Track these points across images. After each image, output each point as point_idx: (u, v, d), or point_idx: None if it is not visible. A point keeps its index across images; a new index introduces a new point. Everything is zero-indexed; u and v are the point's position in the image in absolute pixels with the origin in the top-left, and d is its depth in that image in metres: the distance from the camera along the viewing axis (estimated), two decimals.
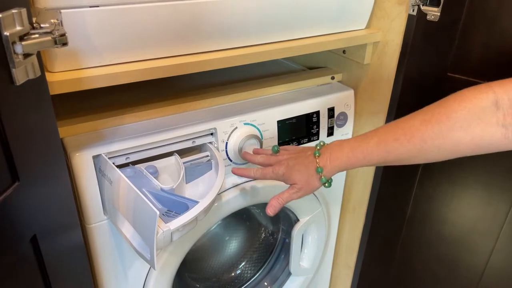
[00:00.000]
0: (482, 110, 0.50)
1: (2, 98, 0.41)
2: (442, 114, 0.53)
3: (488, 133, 0.51)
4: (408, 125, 0.56)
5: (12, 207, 0.44)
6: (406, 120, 0.57)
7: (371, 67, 0.94)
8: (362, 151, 0.61)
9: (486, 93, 0.50)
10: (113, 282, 0.81)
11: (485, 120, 0.51)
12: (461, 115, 0.52)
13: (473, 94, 0.51)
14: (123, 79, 0.64)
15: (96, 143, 0.71)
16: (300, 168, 0.67)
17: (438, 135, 0.53)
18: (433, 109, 0.54)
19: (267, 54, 0.79)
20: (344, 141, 0.65)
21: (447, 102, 0.53)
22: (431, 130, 0.54)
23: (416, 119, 0.56)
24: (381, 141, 0.59)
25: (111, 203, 0.70)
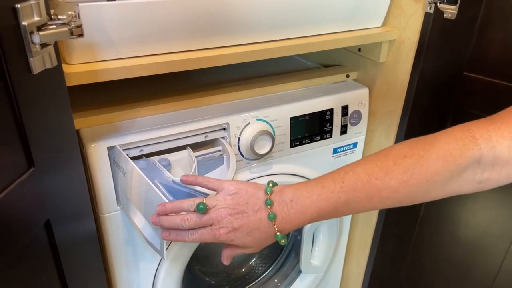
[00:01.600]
0: (464, 170, 0.48)
1: (19, 86, 0.42)
2: (423, 175, 0.49)
3: (463, 188, 0.50)
4: (384, 185, 0.50)
5: (26, 192, 0.45)
6: (380, 176, 0.50)
7: (387, 65, 0.94)
8: (329, 212, 0.53)
9: (471, 149, 0.47)
10: (124, 271, 0.82)
11: (463, 177, 0.49)
12: (442, 178, 0.49)
13: (458, 152, 0.47)
14: (139, 72, 0.66)
15: (111, 134, 0.72)
16: (251, 231, 0.55)
17: (415, 196, 0.50)
18: (413, 166, 0.49)
19: (282, 50, 0.79)
20: (305, 198, 0.53)
21: (429, 158, 0.49)
22: (409, 192, 0.50)
23: (393, 178, 0.50)
24: (351, 201, 0.52)
25: (124, 194, 0.71)
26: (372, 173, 0.50)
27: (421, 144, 0.50)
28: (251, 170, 0.88)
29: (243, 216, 0.55)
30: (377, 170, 0.50)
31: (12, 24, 0.40)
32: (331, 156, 1.00)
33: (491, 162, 0.47)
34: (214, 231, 0.55)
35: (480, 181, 0.49)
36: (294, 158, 0.93)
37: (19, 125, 0.43)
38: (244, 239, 0.55)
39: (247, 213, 0.55)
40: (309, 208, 0.53)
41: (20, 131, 0.43)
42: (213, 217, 0.56)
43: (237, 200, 0.56)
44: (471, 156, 0.47)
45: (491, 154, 0.47)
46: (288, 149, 0.91)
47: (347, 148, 1.01)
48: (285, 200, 0.54)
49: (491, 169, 0.48)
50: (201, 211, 0.56)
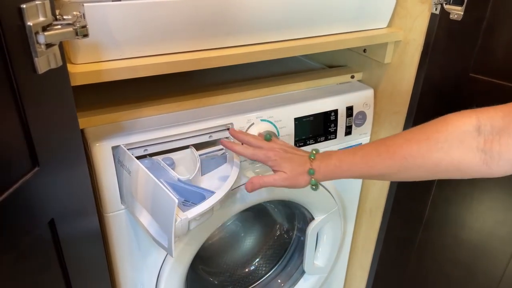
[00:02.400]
0: (463, 134, 0.52)
1: (24, 86, 0.42)
2: (423, 134, 0.56)
3: (467, 156, 0.53)
4: (392, 143, 0.59)
5: (31, 191, 0.46)
6: (391, 138, 0.60)
7: (392, 66, 0.93)
8: (348, 163, 0.65)
9: (469, 117, 0.52)
10: (128, 270, 0.83)
11: (465, 143, 0.52)
12: (441, 136, 0.54)
13: (456, 118, 0.53)
14: (143, 72, 0.66)
15: (115, 134, 0.72)
16: (293, 162, 0.69)
17: (418, 154, 0.56)
18: (416, 130, 0.57)
19: (287, 51, 0.79)
20: (333, 152, 0.68)
21: (431, 124, 0.56)
22: (411, 148, 0.56)
23: (400, 138, 0.58)
24: (365, 155, 0.62)
25: (129, 193, 0.72)
26: (384, 139, 0.61)
27: (428, 122, 0.57)
28: (255, 171, 0.88)
29: (291, 151, 0.71)
30: (388, 138, 0.60)
31: (17, 24, 0.40)
32: None
33: (489, 131, 0.51)
34: (266, 152, 0.70)
35: (483, 150, 0.51)
36: None
37: (24, 124, 0.44)
38: (284, 162, 0.69)
39: (294, 153, 0.70)
40: (334, 156, 0.67)
41: (25, 130, 0.44)
42: (272, 144, 0.73)
43: (290, 147, 0.73)
44: (469, 122, 0.52)
45: (488, 123, 0.51)
46: None
47: None
48: (323, 153, 0.69)
49: (491, 138, 0.51)
50: (267, 139, 0.75)
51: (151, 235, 0.67)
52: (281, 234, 1.19)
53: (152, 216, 0.68)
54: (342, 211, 1.07)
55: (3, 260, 0.44)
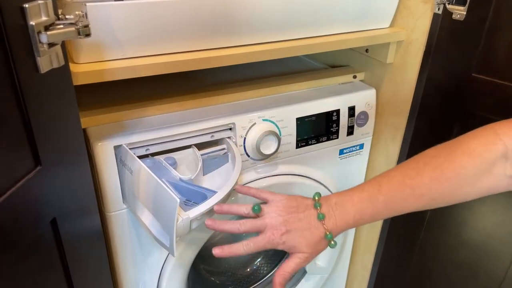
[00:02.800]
0: (492, 164, 0.50)
1: (26, 85, 0.43)
2: (452, 170, 0.51)
3: (495, 185, 0.51)
4: (417, 183, 0.53)
5: (33, 190, 0.46)
6: (414, 175, 0.54)
7: (394, 66, 0.93)
8: (371, 214, 0.56)
9: (495, 144, 0.49)
10: (130, 269, 0.83)
11: (493, 173, 0.50)
12: (470, 171, 0.50)
13: (482, 147, 0.50)
14: (145, 71, 0.66)
15: (117, 133, 0.73)
16: (305, 235, 0.57)
17: (448, 193, 0.52)
18: (441, 164, 0.52)
19: (289, 51, 0.79)
20: (347, 200, 0.58)
21: (455, 155, 0.51)
22: (441, 189, 0.52)
23: (425, 176, 0.53)
24: (389, 201, 0.55)
25: (131, 192, 0.72)
26: (405, 174, 0.54)
27: (448, 145, 0.53)
28: (256, 171, 0.88)
29: (294, 218, 0.58)
30: (409, 171, 0.54)
31: (20, 23, 0.41)
32: (338, 157, 0.99)
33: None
34: (269, 235, 0.58)
35: (511, 175, 0.50)
36: (300, 159, 0.93)
37: (26, 124, 0.44)
38: (296, 241, 0.57)
39: (298, 215, 0.58)
40: (351, 210, 0.57)
41: (27, 130, 0.44)
42: (267, 222, 0.58)
43: (288, 205, 0.60)
44: (496, 150, 0.49)
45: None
46: (294, 149, 0.91)
47: (354, 150, 1.01)
48: (331, 204, 0.58)
49: None
50: (256, 212, 0.60)
51: (153, 235, 0.68)
52: None
53: (154, 215, 0.68)
54: None
55: (5, 259, 0.44)
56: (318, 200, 0.59)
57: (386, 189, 0.55)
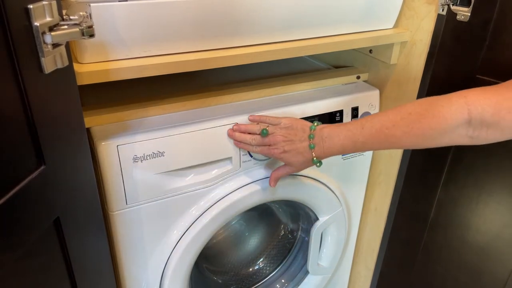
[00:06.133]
0: (456, 127, 0.59)
1: (31, 85, 0.43)
2: (421, 130, 0.62)
3: (457, 140, 0.61)
4: (391, 133, 0.65)
5: (37, 189, 0.46)
6: (389, 126, 0.65)
7: (398, 67, 0.93)
8: (351, 149, 0.71)
9: (462, 113, 0.58)
10: (133, 268, 0.83)
11: (456, 133, 0.60)
12: (436, 132, 0.61)
13: (451, 114, 0.59)
14: (149, 72, 0.66)
15: (121, 133, 0.73)
16: (297, 154, 0.75)
17: (414, 144, 0.64)
18: (413, 122, 0.63)
19: (293, 51, 0.79)
20: (335, 136, 0.71)
21: (427, 117, 0.61)
22: (409, 141, 0.64)
23: (398, 130, 0.64)
24: (367, 142, 0.68)
25: None
26: (384, 124, 0.66)
27: (424, 104, 0.62)
28: (259, 171, 0.89)
29: (292, 143, 0.75)
30: (387, 122, 0.65)
31: (24, 24, 0.41)
32: (341, 158, 0.99)
33: (479, 124, 0.58)
34: (271, 150, 0.76)
35: (471, 136, 0.59)
36: None
37: (30, 123, 0.44)
38: (290, 159, 0.76)
39: (295, 142, 0.75)
40: (337, 143, 0.71)
41: (31, 129, 0.44)
42: (272, 140, 0.76)
43: (289, 131, 0.76)
44: (462, 118, 0.58)
45: (478, 117, 0.57)
46: None
47: None
48: (322, 136, 0.72)
49: (480, 128, 0.58)
50: (264, 134, 0.77)
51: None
52: (285, 234, 1.19)
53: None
54: (347, 211, 1.07)
55: (9, 258, 0.44)
56: (313, 132, 0.73)
57: (366, 133, 0.67)
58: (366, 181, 1.08)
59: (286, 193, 0.94)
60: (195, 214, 0.85)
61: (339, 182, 1.02)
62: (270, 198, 0.92)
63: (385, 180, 1.04)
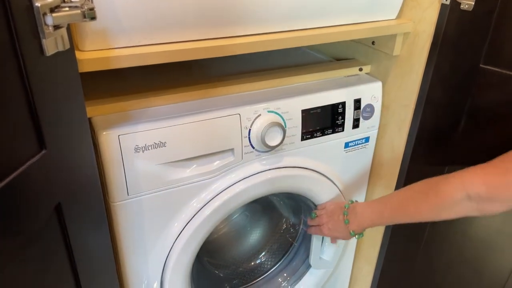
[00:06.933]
0: (458, 201, 0.65)
1: (32, 67, 0.42)
2: (427, 207, 0.70)
3: (465, 213, 0.66)
4: (406, 210, 0.75)
5: (38, 174, 0.46)
6: (404, 204, 0.76)
7: (401, 58, 0.92)
8: (380, 223, 0.84)
9: (458, 190, 0.65)
10: (134, 260, 0.83)
11: (461, 207, 0.65)
12: (440, 207, 0.68)
13: (450, 194, 0.66)
14: (151, 59, 0.66)
15: (122, 123, 0.72)
16: (338, 230, 0.91)
17: (429, 216, 0.71)
18: (420, 200, 0.71)
19: (295, 41, 0.78)
20: (365, 212, 0.84)
21: (430, 196, 0.69)
22: (420, 216, 0.73)
23: (411, 207, 0.74)
24: (390, 217, 0.79)
25: None
26: (400, 201, 0.77)
27: (428, 184, 0.71)
28: (261, 163, 0.88)
29: (333, 221, 0.92)
30: (403, 200, 0.77)
31: (25, 5, 0.40)
32: (343, 151, 0.99)
33: (479, 199, 0.63)
34: (322, 229, 0.95)
35: (478, 209, 0.64)
36: (305, 152, 0.93)
37: (31, 106, 0.44)
38: (335, 234, 0.93)
39: (335, 220, 0.92)
40: (367, 219, 0.84)
41: (32, 112, 0.44)
42: (319, 221, 0.96)
43: (331, 212, 0.94)
44: (460, 196, 0.65)
45: (476, 195, 0.63)
46: (299, 142, 0.90)
47: (359, 143, 1.00)
48: (355, 213, 0.87)
49: (482, 202, 0.63)
50: (313, 217, 0.99)
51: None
52: (287, 228, 1.18)
53: None
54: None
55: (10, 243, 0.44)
56: (347, 209, 0.89)
57: (389, 208, 0.79)
58: (369, 174, 1.08)
59: (288, 185, 0.93)
60: (197, 206, 0.84)
61: (342, 174, 1.01)
62: (271, 190, 0.91)
63: (387, 172, 1.03)
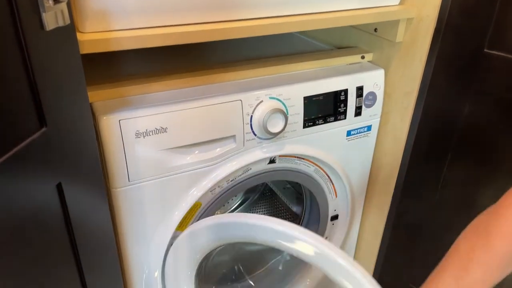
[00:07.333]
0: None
1: (32, 42, 0.42)
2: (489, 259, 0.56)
3: None
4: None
5: (38, 151, 0.45)
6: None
7: (404, 45, 0.92)
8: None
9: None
10: (135, 248, 0.82)
11: None
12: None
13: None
14: (152, 42, 0.65)
15: (123, 108, 0.72)
16: None
17: (498, 274, 0.56)
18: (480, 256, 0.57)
19: (296, 25, 0.77)
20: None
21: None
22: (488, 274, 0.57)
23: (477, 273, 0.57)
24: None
25: None
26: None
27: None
28: (262, 150, 0.87)
29: None
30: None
31: None
32: (345, 139, 0.98)
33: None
34: None
35: None
36: (307, 140, 0.92)
37: (32, 82, 0.43)
38: None
39: None
40: None
41: (32, 88, 0.43)
42: None
43: None
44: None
45: None
46: (301, 129, 0.90)
47: (362, 131, 0.99)
48: None
49: None
50: None
51: None
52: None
53: None
54: (351, 193, 1.06)
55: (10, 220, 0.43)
56: None
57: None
58: (371, 163, 1.07)
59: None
60: (197, 195, 0.84)
61: (344, 163, 1.01)
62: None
63: (390, 160, 1.03)
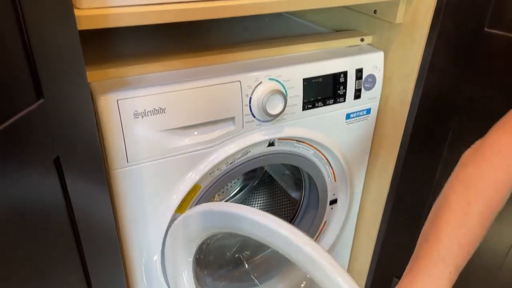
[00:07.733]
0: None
1: (28, 11, 0.41)
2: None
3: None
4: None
5: (36, 124, 0.44)
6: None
7: (403, 26, 0.91)
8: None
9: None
10: (133, 231, 0.82)
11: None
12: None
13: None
14: (150, 19, 0.64)
15: (121, 88, 0.71)
16: None
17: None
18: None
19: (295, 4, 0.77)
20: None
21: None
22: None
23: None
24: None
25: None
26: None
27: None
28: (261, 132, 0.87)
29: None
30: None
31: None
32: (344, 122, 0.98)
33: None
34: None
35: None
36: (306, 122, 0.92)
37: (28, 52, 0.42)
38: None
39: None
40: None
41: (29, 58, 0.42)
42: None
43: None
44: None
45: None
46: (301, 111, 0.89)
47: (361, 114, 0.99)
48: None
49: None
50: None
51: None
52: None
53: None
54: (350, 178, 1.06)
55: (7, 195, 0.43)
56: None
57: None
58: (370, 146, 1.07)
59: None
60: (195, 178, 0.83)
61: (343, 146, 1.00)
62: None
63: (389, 144, 1.02)
